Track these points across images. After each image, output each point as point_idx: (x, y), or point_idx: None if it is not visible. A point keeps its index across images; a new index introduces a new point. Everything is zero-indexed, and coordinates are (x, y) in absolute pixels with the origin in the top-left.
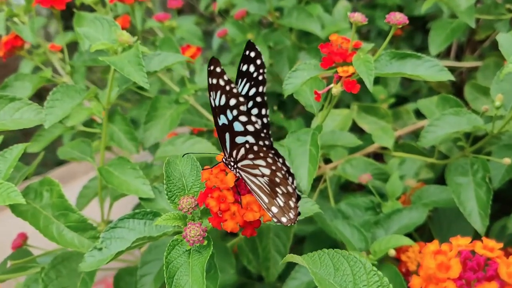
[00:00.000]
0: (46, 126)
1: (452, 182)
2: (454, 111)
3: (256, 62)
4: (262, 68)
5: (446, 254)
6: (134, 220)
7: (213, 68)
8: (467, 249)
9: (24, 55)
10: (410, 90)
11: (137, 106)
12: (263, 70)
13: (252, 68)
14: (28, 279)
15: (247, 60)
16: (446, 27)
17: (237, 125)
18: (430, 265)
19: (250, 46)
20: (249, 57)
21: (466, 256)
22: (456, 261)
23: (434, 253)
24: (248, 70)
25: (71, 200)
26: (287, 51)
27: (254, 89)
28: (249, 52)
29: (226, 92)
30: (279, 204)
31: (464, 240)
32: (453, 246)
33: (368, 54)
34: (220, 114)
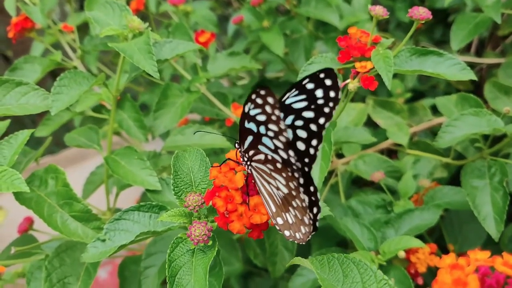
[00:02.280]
0: (53, 113)
1: (467, 185)
2: (473, 111)
3: (328, 92)
4: (333, 102)
5: (463, 269)
6: (139, 213)
7: (265, 94)
8: (486, 264)
9: (34, 37)
10: (427, 85)
11: (149, 90)
12: (333, 104)
13: (320, 94)
14: (32, 266)
15: (318, 82)
16: (470, 21)
17: (267, 141)
18: (446, 281)
19: (329, 73)
20: (321, 81)
21: (485, 272)
22: (474, 278)
23: (450, 267)
24: (313, 91)
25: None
26: (304, 40)
27: (312, 114)
28: (324, 76)
29: (269, 117)
30: (288, 219)
31: (483, 254)
32: (470, 261)
33: (387, 50)
34: (250, 121)
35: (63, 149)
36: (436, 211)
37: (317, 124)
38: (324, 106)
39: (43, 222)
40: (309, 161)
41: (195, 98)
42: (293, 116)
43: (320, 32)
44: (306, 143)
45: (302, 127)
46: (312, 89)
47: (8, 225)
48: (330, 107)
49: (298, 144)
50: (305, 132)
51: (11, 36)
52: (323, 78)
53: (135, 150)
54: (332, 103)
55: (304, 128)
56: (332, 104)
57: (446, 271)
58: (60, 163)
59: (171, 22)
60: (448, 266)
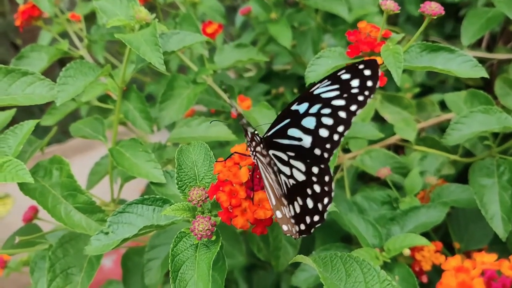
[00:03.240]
0: (58, 104)
1: (475, 183)
2: (483, 108)
3: (366, 82)
4: (369, 91)
5: (469, 273)
6: (143, 206)
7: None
8: (492, 268)
9: (42, 26)
10: (436, 80)
11: (155, 81)
12: (368, 93)
13: (356, 83)
14: (35, 256)
15: (355, 73)
16: (482, 16)
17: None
18: (451, 283)
19: (371, 64)
20: (360, 71)
21: (491, 276)
22: (479, 281)
23: (456, 270)
24: (348, 81)
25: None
26: (312, 33)
27: (343, 102)
28: (364, 67)
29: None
30: (286, 214)
31: (489, 257)
32: (476, 264)
33: (397, 45)
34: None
35: (70, 138)
36: (443, 209)
37: (348, 111)
38: (359, 94)
39: (47, 213)
40: (331, 146)
41: (201, 90)
42: (320, 105)
43: (329, 24)
44: (331, 130)
45: (329, 114)
46: (348, 79)
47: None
48: (365, 95)
49: (320, 131)
50: (332, 120)
51: (18, 24)
52: (363, 68)
53: (140, 142)
54: (368, 92)
55: (331, 116)
56: (368, 92)
57: (451, 274)
58: (67, 152)
59: (178, 12)
60: (453, 268)
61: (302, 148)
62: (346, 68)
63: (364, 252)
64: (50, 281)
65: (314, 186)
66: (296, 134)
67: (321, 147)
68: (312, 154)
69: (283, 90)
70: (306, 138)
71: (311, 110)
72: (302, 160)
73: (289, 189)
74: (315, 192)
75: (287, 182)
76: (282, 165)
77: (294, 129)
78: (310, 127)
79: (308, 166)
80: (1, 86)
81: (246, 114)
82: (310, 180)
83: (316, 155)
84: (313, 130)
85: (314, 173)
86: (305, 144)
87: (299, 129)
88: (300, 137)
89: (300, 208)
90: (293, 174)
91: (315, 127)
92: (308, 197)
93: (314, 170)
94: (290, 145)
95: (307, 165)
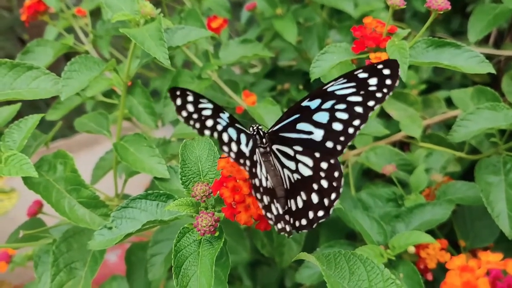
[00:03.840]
0: (62, 98)
1: (481, 181)
2: (490, 105)
3: (384, 80)
4: (388, 88)
5: (474, 272)
6: (147, 201)
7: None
8: (497, 267)
9: (47, 21)
10: (442, 76)
11: (160, 76)
12: (387, 91)
13: (374, 82)
14: (39, 250)
15: (373, 72)
16: (489, 12)
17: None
18: (455, 283)
19: (391, 63)
20: (378, 71)
21: (496, 275)
22: (484, 281)
23: (460, 269)
24: (365, 79)
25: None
26: (317, 28)
27: (360, 98)
28: (383, 67)
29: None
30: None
31: (495, 257)
32: (482, 263)
33: (403, 41)
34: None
35: (76, 133)
36: (448, 206)
37: (365, 106)
38: (377, 91)
39: (51, 207)
40: (345, 139)
41: (206, 85)
42: (333, 101)
43: (334, 20)
44: (345, 124)
45: (344, 109)
46: (365, 77)
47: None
48: (383, 93)
49: (334, 125)
50: (347, 114)
51: (24, 19)
52: (382, 68)
53: (144, 137)
54: (387, 90)
55: (346, 110)
56: (386, 90)
57: (456, 273)
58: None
59: (184, 7)
60: (458, 268)
61: (312, 141)
62: (364, 67)
63: (368, 249)
64: (54, 275)
65: (322, 182)
66: (306, 128)
67: (334, 139)
68: (323, 147)
69: (289, 86)
70: (317, 131)
71: (324, 106)
72: (310, 155)
73: (293, 184)
74: (322, 187)
75: (291, 177)
76: (287, 160)
77: (304, 124)
78: (322, 121)
79: (316, 162)
80: (6, 80)
81: (251, 110)
82: (317, 175)
83: (328, 147)
84: (326, 124)
85: (323, 168)
86: (316, 137)
87: (309, 123)
88: (311, 130)
89: (303, 203)
90: (298, 169)
91: (328, 121)
92: (313, 192)
93: (323, 166)
94: (298, 139)
95: (315, 160)
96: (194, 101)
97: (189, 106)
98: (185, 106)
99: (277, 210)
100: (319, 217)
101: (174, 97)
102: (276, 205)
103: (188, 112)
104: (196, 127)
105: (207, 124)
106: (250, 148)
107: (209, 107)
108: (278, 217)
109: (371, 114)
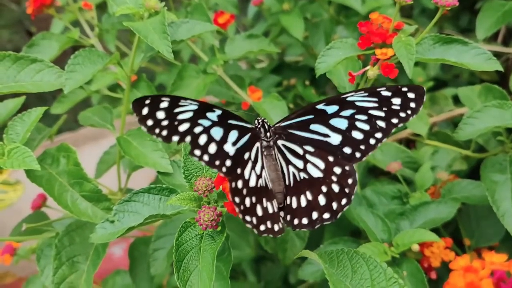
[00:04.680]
0: (66, 91)
1: (487, 179)
2: (497, 103)
3: (408, 103)
4: (412, 111)
5: (477, 273)
6: (149, 195)
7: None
8: (501, 269)
9: (53, 14)
10: (450, 74)
11: (166, 70)
12: (411, 112)
13: (397, 102)
14: (42, 243)
15: (397, 93)
16: (498, 9)
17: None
18: (458, 284)
19: (417, 89)
20: (403, 93)
21: (500, 277)
22: (488, 282)
23: (464, 270)
24: (388, 98)
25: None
26: (324, 24)
27: (383, 113)
28: (407, 90)
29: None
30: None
31: (499, 258)
32: (486, 264)
33: (409, 37)
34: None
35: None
36: (453, 205)
37: (389, 122)
38: (401, 111)
39: (53, 200)
40: (366, 149)
41: (211, 80)
42: (353, 111)
43: (342, 16)
44: (366, 134)
45: (365, 121)
46: (388, 96)
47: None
48: (407, 114)
49: (353, 133)
50: (368, 126)
51: (30, 12)
52: (406, 91)
53: None
54: (411, 112)
55: (368, 122)
56: (411, 112)
57: (459, 274)
58: (79, 140)
59: (190, 1)
60: (462, 268)
61: (328, 144)
62: (387, 87)
63: (372, 247)
64: (56, 269)
65: (333, 185)
66: (321, 130)
67: (353, 146)
68: (341, 152)
69: (295, 81)
70: (334, 135)
71: (342, 113)
72: (322, 158)
73: (297, 182)
74: (332, 191)
75: (297, 175)
76: (295, 158)
77: (319, 125)
78: (340, 127)
79: (330, 165)
80: (10, 73)
81: (256, 105)
82: (328, 179)
83: (345, 153)
84: (344, 131)
85: (336, 173)
86: (333, 141)
87: (325, 127)
88: (327, 133)
89: (308, 202)
90: (307, 168)
91: (347, 128)
92: (321, 194)
93: (336, 170)
94: (310, 139)
95: (328, 164)
96: (170, 106)
97: (159, 113)
98: (153, 114)
99: (264, 210)
100: (324, 219)
101: (140, 106)
102: (265, 204)
103: (156, 119)
104: (162, 135)
105: (180, 129)
106: (241, 145)
107: (192, 109)
108: (262, 218)
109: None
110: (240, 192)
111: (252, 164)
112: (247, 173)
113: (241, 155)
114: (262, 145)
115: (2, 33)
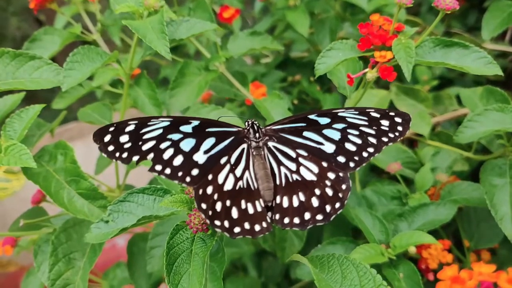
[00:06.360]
0: (64, 89)
1: (486, 182)
2: (498, 107)
3: (396, 126)
4: (399, 133)
5: (464, 284)
6: (144, 195)
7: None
8: (489, 280)
9: (55, 9)
10: (456, 72)
11: (171, 64)
12: (399, 135)
13: (386, 123)
14: (40, 239)
15: (385, 116)
16: (504, 9)
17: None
18: None
19: (403, 116)
20: (390, 117)
21: None
22: None
23: (451, 280)
24: (377, 119)
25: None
26: (330, 21)
27: (373, 131)
28: (395, 115)
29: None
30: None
31: (487, 268)
32: (474, 274)
33: (409, 39)
34: None
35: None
36: (452, 207)
37: (380, 139)
38: (389, 132)
39: (50, 198)
40: (360, 160)
41: (213, 77)
42: (345, 125)
43: (348, 13)
44: (359, 147)
45: (357, 135)
46: (377, 117)
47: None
48: (395, 135)
49: (346, 145)
50: (360, 140)
51: (32, 6)
52: (393, 116)
53: None
54: (398, 134)
55: (359, 137)
56: (398, 134)
57: (446, 285)
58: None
59: None
60: (449, 278)
61: (322, 152)
62: (376, 109)
63: (369, 248)
64: (52, 265)
65: (326, 189)
66: (315, 138)
67: (347, 156)
68: (334, 160)
69: (300, 77)
70: (328, 145)
71: (335, 125)
72: (315, 163)
73: (290, 183)
74: (325, 194)
75: (289, 176)
76: (287, 160)
77: (312, 133)
78: (333, 137)
79: (323, 170)
80: (8, 69)
81: (257, 103)
82: (322, 182)
83: (340, 161)
84: (338, 141)
85: (330, 178)
86: (327, 149)
87: (319, 135)
88: (321, 142)
89: (300, 203)
90: (299, 171)
91: (340, 140)
92: (314, 196)
93: (330, 176)
94: (304, 145)
95: (322, 169)
96: (136, 128)
97: (122, 137)
98: (116, 139)
99: (241, 212)
100: (316, 220)
101: (102, 135)
102: (244, 205)
103: (118, 144)
104: (122, 157)
105: (144, 147)
106: (217, 151)
107: (162, 126)
108: (238, 220)
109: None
110: (209, 198)
111: (230, 168)
112: (221, 178)
113: (216, 161)
114: (250, 146)
115: (11, 20)
